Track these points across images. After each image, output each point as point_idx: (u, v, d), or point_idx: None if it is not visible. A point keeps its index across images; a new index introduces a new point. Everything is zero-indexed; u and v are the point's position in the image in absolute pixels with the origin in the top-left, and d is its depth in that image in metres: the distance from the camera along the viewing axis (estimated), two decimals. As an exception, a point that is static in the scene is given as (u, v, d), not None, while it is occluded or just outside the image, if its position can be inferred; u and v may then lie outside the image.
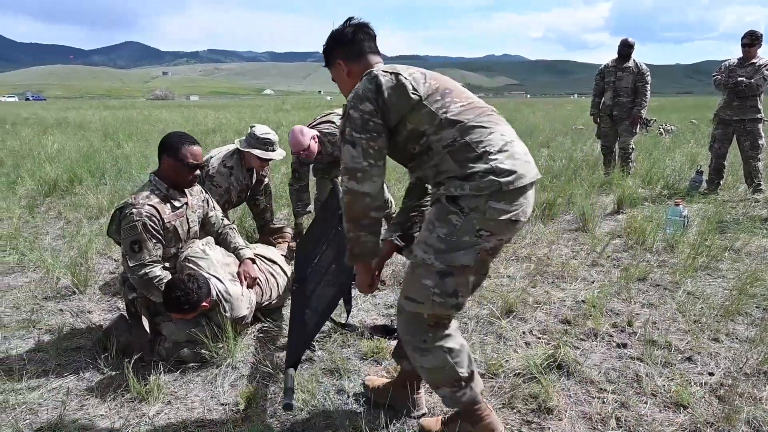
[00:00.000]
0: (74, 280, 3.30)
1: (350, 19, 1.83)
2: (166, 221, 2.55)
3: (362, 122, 1.59)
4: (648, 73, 6.34)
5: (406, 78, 1.62)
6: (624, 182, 5.69)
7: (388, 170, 1.65)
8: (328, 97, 60.98)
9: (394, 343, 2.28)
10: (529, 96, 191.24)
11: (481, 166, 1.53)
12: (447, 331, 1.69)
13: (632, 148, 6.55)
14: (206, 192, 2.92)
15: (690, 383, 2.20)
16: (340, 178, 1.79)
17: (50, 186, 6.03)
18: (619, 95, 6.37)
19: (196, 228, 2.77)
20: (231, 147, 3.69)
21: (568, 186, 5.60)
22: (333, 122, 3.78)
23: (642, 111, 6.34)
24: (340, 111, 3.65)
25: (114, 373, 2.34)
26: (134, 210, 2.45)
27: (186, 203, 2.68)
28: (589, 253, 3.93)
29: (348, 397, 2.16)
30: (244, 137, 3.64)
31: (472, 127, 1.59)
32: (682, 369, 2.32)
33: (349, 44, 1.81)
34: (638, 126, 6.56)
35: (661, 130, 12.83)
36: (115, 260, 3.87)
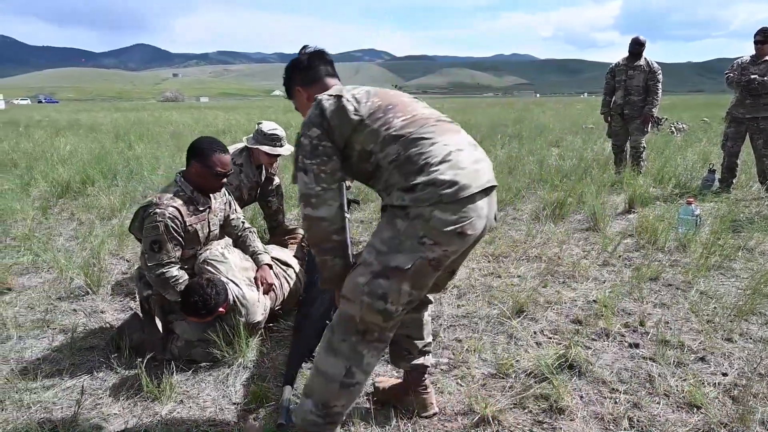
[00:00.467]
0: (87, 280, 3.33)
1: (305, 47, 1.89)
2: (187, 224, 2.56)
3: (311, 148, 1.60)
4: (659, 71, 6.28)
5: (348, 100, 1.63)
6: (635, 181, 5.64)
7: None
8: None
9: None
10: (538, 95, 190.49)
11: (422, 179, 1.50)
12: (368, 352, 1.65)
13: (643, 147, 6.50)
14: (229, 194, 2.93)
15: (703, 383, 2.18)
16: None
17: (63, 187, 6.08)
18: (630, 94, 6.32)
19: (217, 231, 2.78)
20: (240, 145, 3.71)
21: (578, 185, 5.57)
22: None
23: (653, 110, 6.29)
24: None
25: (127, 372, 2.36)
26: (158, 210, 2.47)
27: (209, 207, 2.69)
28: (600, 253, 3.90)
29: (359, 397, 2.16)
30: (252, 135, 3.66)
31: (414, 139, 1.57)
32: (695, 369, 2.30)
33: (305, 70, 1.86)
34: (649, 125, 6.51)
35: (673, 128, 12.74)
36: (128, 261, 3.91)
